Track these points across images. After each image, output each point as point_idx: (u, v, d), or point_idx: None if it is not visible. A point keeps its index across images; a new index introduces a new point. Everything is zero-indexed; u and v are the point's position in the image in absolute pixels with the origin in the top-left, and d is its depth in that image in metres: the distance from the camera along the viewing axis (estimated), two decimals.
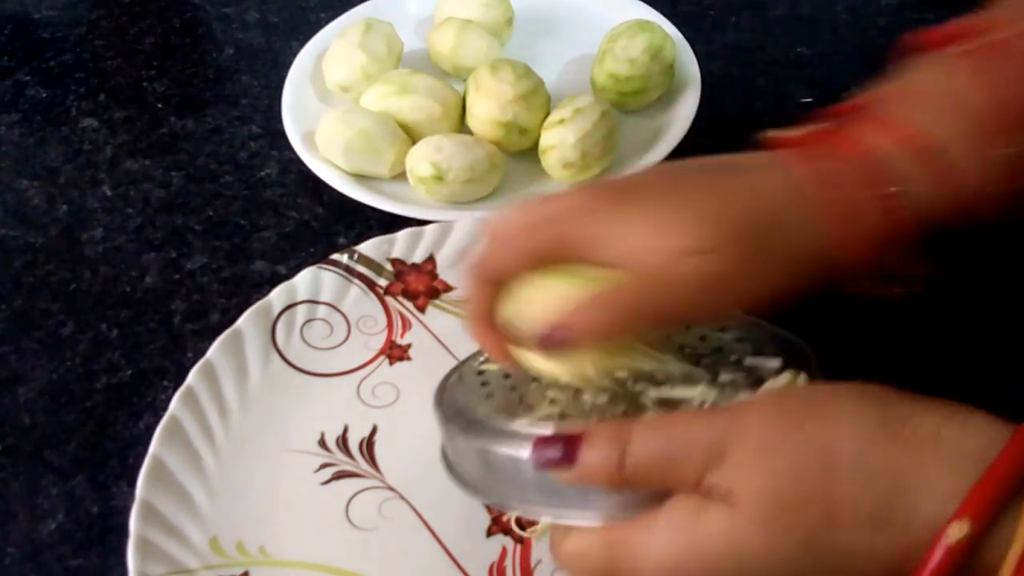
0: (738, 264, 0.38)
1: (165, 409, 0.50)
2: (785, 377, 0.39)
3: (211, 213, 0.65)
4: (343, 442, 0.51)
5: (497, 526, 0.47)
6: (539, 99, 0.64)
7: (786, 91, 0.70)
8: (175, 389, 0.51)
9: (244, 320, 0.54)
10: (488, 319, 0.41)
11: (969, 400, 0.33)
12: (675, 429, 0.34)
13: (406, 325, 0.56)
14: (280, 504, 0.48)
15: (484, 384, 0.44)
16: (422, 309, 0.56)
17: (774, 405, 0.33)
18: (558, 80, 0.68)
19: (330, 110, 0.63)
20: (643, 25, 0.67)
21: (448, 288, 0.57)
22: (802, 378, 0.39)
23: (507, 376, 0.43)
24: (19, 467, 0.52)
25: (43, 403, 0.55)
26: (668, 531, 0.33)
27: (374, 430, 0.51)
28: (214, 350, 0.52)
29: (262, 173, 0.67)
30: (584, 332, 0.37)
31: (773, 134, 0.44)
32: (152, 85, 0.74)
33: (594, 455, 0.34)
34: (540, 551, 0.47)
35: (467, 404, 0.42)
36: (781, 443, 0.32)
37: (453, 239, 0.58)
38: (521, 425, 0.37)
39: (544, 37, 0.74)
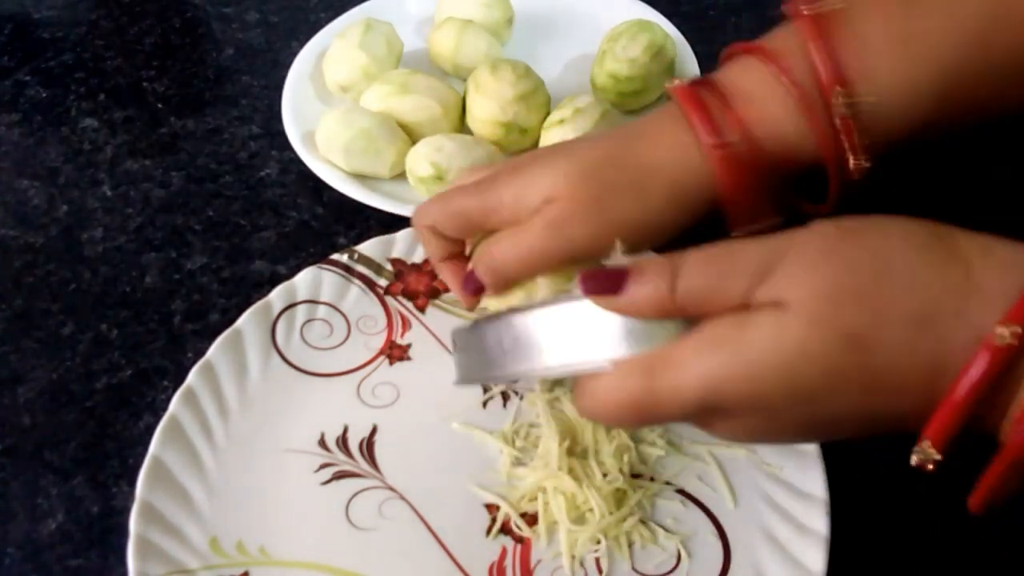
0: (582, 205, 0.44)
1: (165, 409, 0.50)
2: None
3: (211, 213, 0.65)
4: (343, 442, 0.51)
5: (497, 526, 0.47)
6: (539, 99, 0.64)
7: None
8: (175, 389, 0.51)
9: (244, 320, 0.54)
10: (438, 261, 0.51)
11: None
12: (727, 255, 0.34)
13: (406, 325, 0.56)
14: (280, 504, 0.48)
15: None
16: (422, 309, 0.56)
17: (830, 224, 0.34)
18: (558, 80, 0.69)
19: (330, 110, 0.63)
20: (643, 25, 0.67)
21: (448, 288, 0.57)
22: None
23: None
24: (19, 467, 0.52)
25: (43, 403, 0.55)
26: (711, 344, 0.33)
27: (374, 430, 0.51)
28: (214, 350, 0.52)
29: (262, 173, 0.67)
30: (490, 277, 0.46)
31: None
32: (152, 85, 0.74)
33: (643, 283, 0.34)
34: (540, 551, 0.47)
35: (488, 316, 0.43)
36: (836, 251, 0.32)
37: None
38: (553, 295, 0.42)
39: (544, 37, 0.74)
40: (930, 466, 0.31)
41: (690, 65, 0.68)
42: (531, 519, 0.48)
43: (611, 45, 0.66)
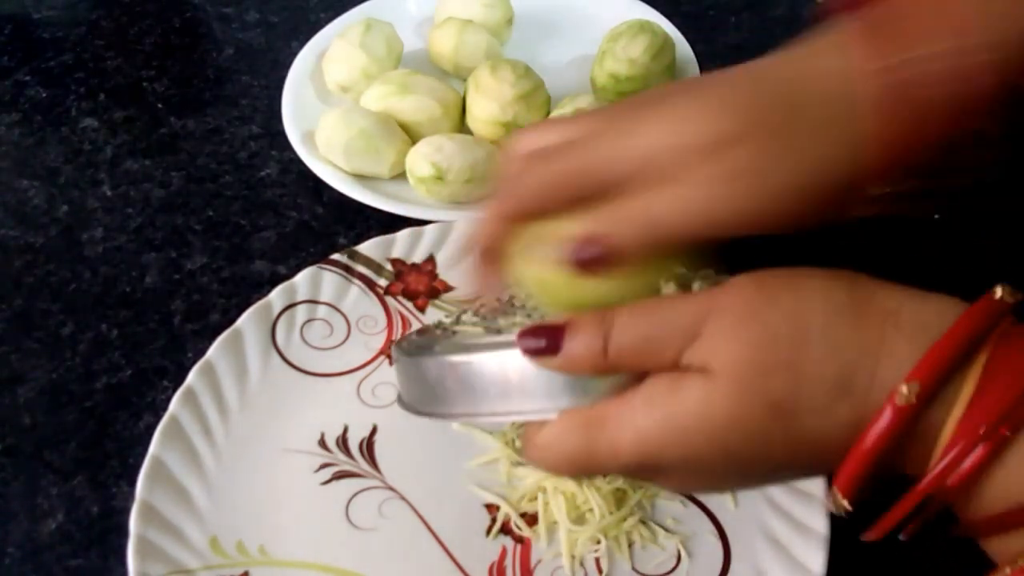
0: (781, 145, 0.34)
1: (165, 409, 0.50)
2: None
3: (211, 213, 0.65)
4: (343, 442, 0.51)
5: (497, 526, 0.47)
6: (539, 99, 0.64)
7: None
8: (175, 389, 0.51)
9: (244, 320, 0.54)
10: (495, 253, 0.39)
11: None
12: (656, 313, 0.34)
13: (406, 325, 0.56)
14: (280, 504, 0.48)
15: (443, 330, 0.42)
16: (422, 309, 0.56)
17: (751, 282, 0.34)
18: (558, 80, 0.68)
19: (330, 110, 0.63)
20: (643, 25, 0.67)
21: (448, 288, 0.57)
22: None
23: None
24: (19, 467, 0.52)
25: (43, 403, 0.55)
26: (645, 406, 0.33)
27: (374, 430, 0.51)
28: (214, 350, 0.52)
29: (262, 173, 0.67)
30: (617, 246, 0.35)
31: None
32: (152, 85, 0.74)
33: (578, 342, 0.34)
34: (540, 551, 0.47)
35: (431, 340, 0.40)
36: (756, 314, 0.33)
37: (453, 239, 0.58)
38: (495, 334, 0.37)
39: (544, 37, 0.74)
40: (843, 514, 0.33)
41: (690, 65, 0.68)
42: (531, 519, 0.48)
43: (611, 45, 0.66)
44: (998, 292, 0.32)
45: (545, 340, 0.34)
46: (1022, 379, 0.30)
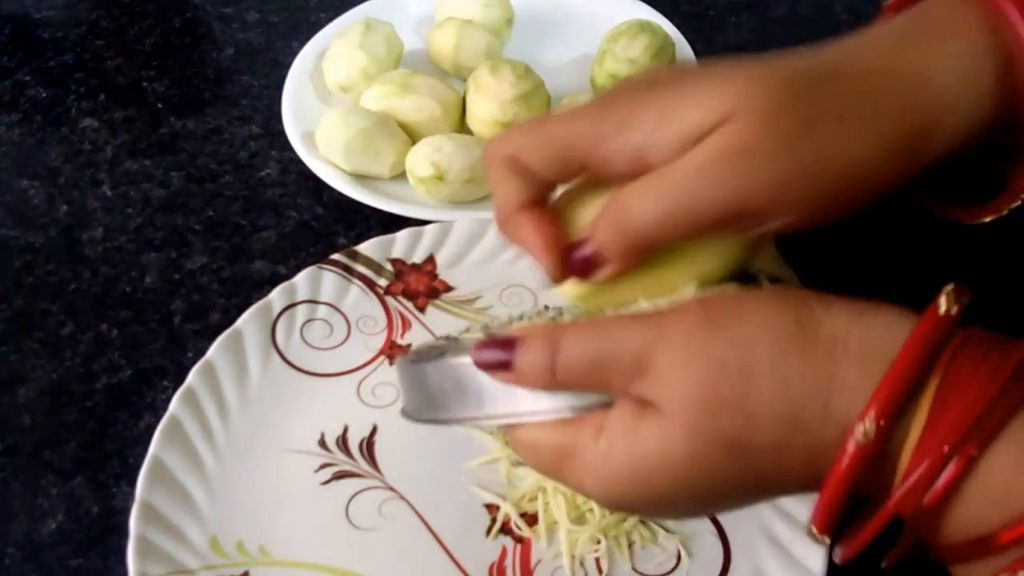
0: (778, 128, 0.31)
1: (165, 409, 0.50)
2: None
3: (211, 213, 0.65)
4: (343, 442, 0.51)
5: (497, 526, 0.47)
6: (539, 99, 0.64)
7: None
8: (175, 389, 0.51)
9: (244, 320, 0.54)
10: (514, 208, 0.36)
11: None
12: (603, 338, 0.33)
13: (406, 325, 0.56)
14: (280, 504, 0.48)
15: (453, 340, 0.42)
16: (422, 309, 0.56)
17: (698, 310, 0.33)
18: (558, 80, 0.68)
19: (330, 110, 0.63)
20: (643, 25, 0.67)
21: (448, 288, 0.57)
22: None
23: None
24: (19, 467, 0.52)
25: (43, 403, 0.55)
26: (607, 449, 0.33)
27: (374, 430, 0.51)
28: (214, 350, 0.52)
29: (262, 173, 0.67)
30: (620, 243, 0.33)
31: None
32: (152, 85, 0.74)
33: (527, 358, 0.34)
34: (540, 551, 0.47)
35: (436, 348, 0.40)
36: (703, 346, 0.32)
37: (453, 239, 0.58)
38: (470, 336, 0.37)
39: (544, 37, 0.74)
40: (822, 543, 0.33)
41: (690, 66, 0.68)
42: (531, 519, 0.48)
43: (611, 45, 0.66)
44: (942, 305, 0.31)
45: (498, 354, 0.34)
46: (977, 398, 0.29)
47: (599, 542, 0.46)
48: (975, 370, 0.30)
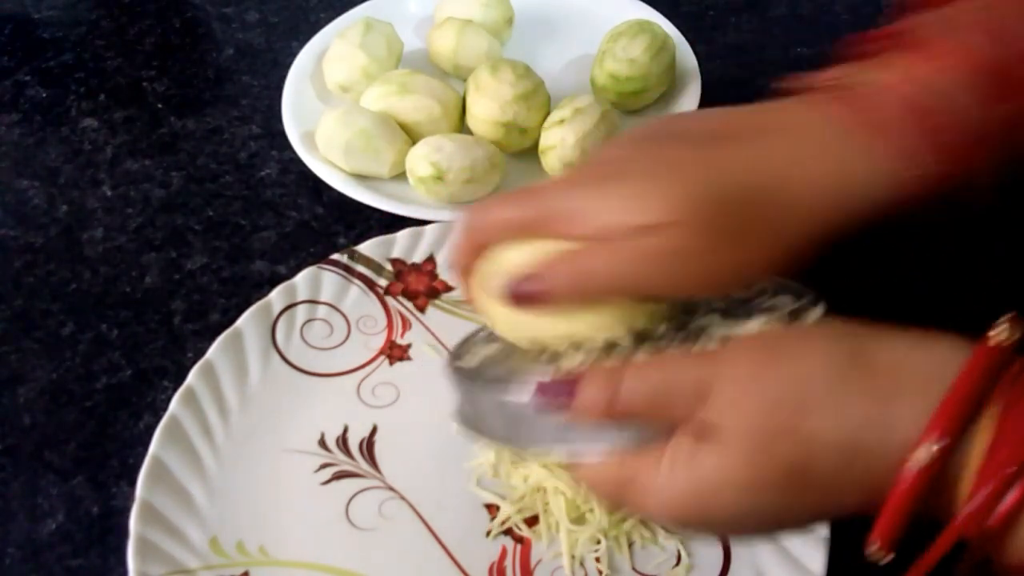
0: (707, 239, 0.37)
1: (165, 409, 0.50)
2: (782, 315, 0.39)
3: (211, 213, 0.65)
4: (343, 442, 0.51)
5: (497, 526, 0.47)
6: (539, 99, 0.64)
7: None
8: (175, 389, 0.51)
9: (244, 320, 0.54)
10: (471, 277, 0.42)
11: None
12: (664, 370, 0.35)
13: (406, 325, 0.56)
14: (280, 504, 0.48)
15: (496, 343, 0.43)
16: (422, 309, 0.56)
17: (756, 344, 0.35)
18: (558, 80, 0.68)
19: (330, 110, 0.63)
20: (643, 25, 0.67)
21: (448, 288, 0.57)
22: (816, 312, 0.39)
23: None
24: (19, 467, 0.52)
25: (43, 403, 0.55)
26: (669, 474, 0.35)
27: (374, 430, 0.51)
28: (214, 350, 0.52)
29: (262, 173, 0.67)
30: (553, 289, 0.38)
31: (794, 82, 0.42)
32: (152, 85, 0.74)
33: (589, 395, 0.35)
34: (540, 551, 0.47)
35: (485, 362, 0.42)
36: (760, 380, 0.34)
37: (453, 239, 0.58)
38: (532, 374, 0.38)
39: (544, 37, 0.74)
40: (883, 562, 0.34)
41: (690, 65, 0.68)
42: (531, 519, 0.48)
43: (611, 45, 0.66)
44: (1002, 333, 0.32)
45: (561, 392, 0.36)
46: None
47: (599, 542, 0.46)
48: None
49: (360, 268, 0.57)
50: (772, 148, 0.39)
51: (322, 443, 0.51)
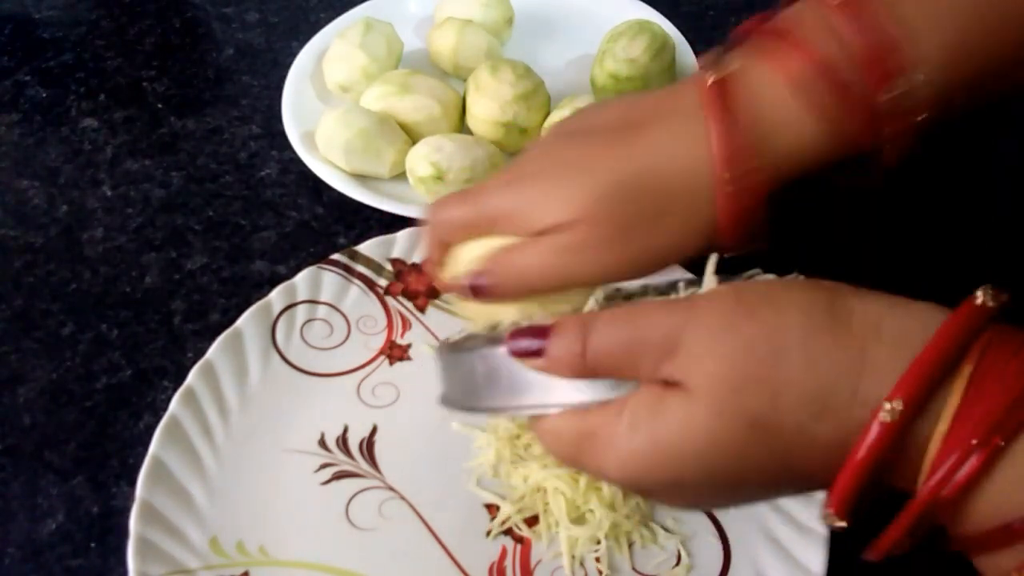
0: (607, 230, 0.40)
1: (165, 409, 0.50)
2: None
3: (211, 213, 0.65)
4: (343, 442, 0.51)
5: (497, 526, 0.47)
6: (539, 99, 0.64)
7: None
8: (175, 389, 0.51)
9: (244, 320, 0.54)
10: (441, 271, 0.46)
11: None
12: (634, 322, 0.34)
13: (406, 325, 0.56)
14: (280, 504, 0.48)
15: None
16: (422, 309, 0.56)
17: (729, 295, 0.34)
18: (558, 80, 0.68)
19: (330, 110, 0.63)
20: (643, 25, 0.67)
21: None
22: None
23: None
24: (19, 467, 0.52)
25: (43, 403, 0.55)
26: (629, 428, 0.34)
27: (374, 430, 0.51)
28: (214, 350, 0.52)
29: (262, 173, 0.67)
30: (499, 283, 0.42)
31: (705, 60, 0.44)
32: (152, 85, 0.74)
33: (559, 345, 0.35)
34: (540, 551, 0.47)
35: (467, 336, 0.42)
36: (733, 328, 0.33)
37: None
38: (501, 328, 0.39)
39: (544, 37, 0.74)
40: (840, 530, 0.33)
41: (690, 65, 0.68)
42: (531, 519, 0.48)
43: (611, 45, 0.66)
44: (979, 297, 0.31)
45: (531, 342, 0.36)
46: (1010, 388, 0.30)
47: (599, 542, 0.46)
48: (1007, 363, 0.30)
49: (360, 268, 0.57)
50: (664, 134, 0.42)
51: (322, 443, 0.51)
